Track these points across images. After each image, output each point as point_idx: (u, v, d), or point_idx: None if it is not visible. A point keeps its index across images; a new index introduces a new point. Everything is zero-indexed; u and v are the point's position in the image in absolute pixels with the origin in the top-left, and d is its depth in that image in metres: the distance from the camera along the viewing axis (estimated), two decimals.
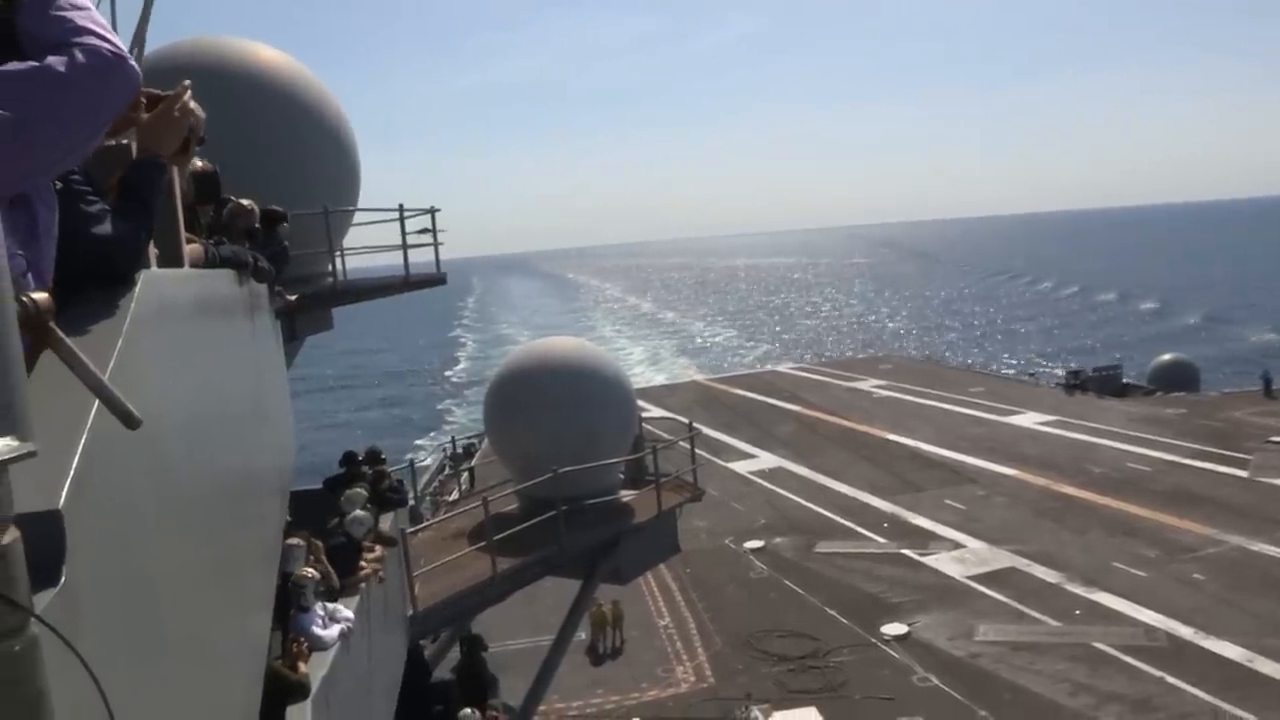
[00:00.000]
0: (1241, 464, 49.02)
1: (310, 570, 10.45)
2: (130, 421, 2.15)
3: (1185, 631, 30.82)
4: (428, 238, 17.07)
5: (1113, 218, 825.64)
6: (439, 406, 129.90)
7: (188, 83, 4.27)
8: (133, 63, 2.95)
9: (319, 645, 9.43)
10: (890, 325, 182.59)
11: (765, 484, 51.42)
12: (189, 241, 5.01)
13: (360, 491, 13.49)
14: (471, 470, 29.60)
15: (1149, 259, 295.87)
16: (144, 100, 4.17)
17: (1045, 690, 27.80)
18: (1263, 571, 35.35)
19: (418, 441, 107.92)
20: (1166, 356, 79.65)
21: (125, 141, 4.12)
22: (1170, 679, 27.90)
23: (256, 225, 7.58)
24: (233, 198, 7.38)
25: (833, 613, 33.94)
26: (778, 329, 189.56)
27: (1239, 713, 25.92)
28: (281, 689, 8.16)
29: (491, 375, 24.55)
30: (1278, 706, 26.09)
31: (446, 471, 44.15)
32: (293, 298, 7.74)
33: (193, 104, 4.30)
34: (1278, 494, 43.98)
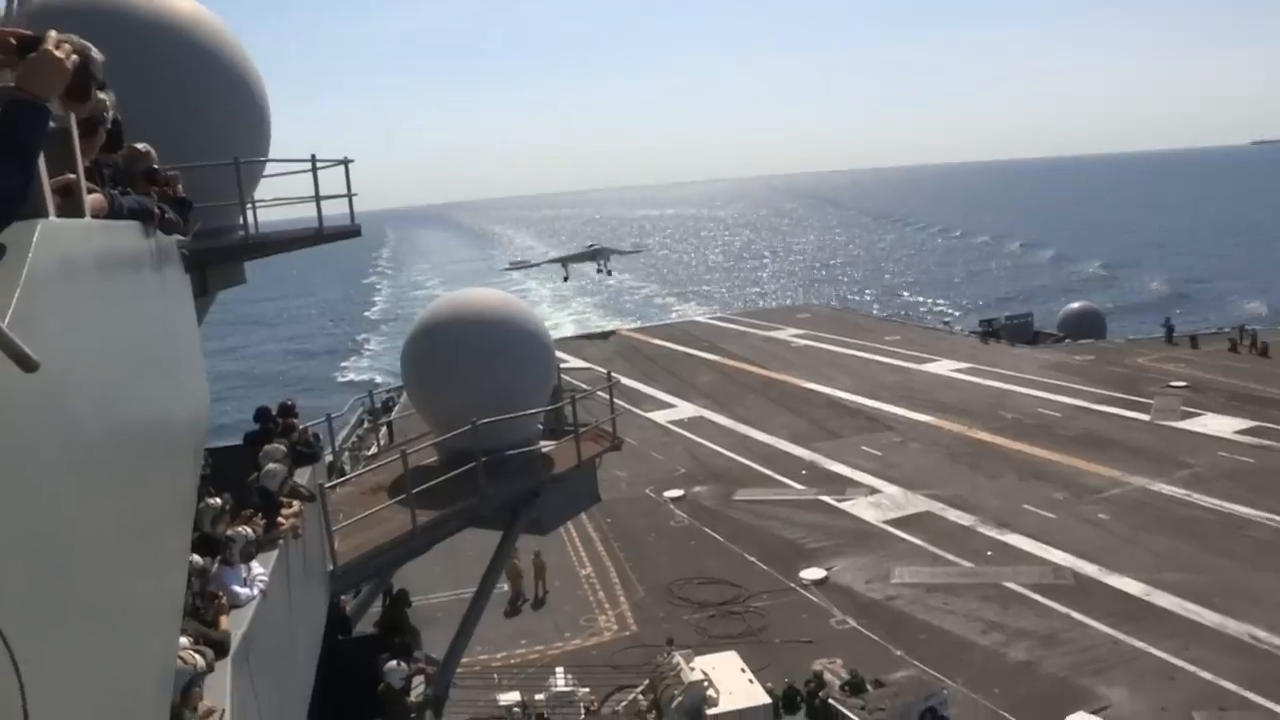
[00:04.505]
0: (1145, 408, 50.63)
1: (246, 528, 10.32)
2: (26, 364, 2.08)
3: (1090, 569, 31.87)
4: (341, 189, 16.76)
5: (1021, 169, 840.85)
6: (359, 337, 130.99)
7: (53, 32, 4.06)
8: None
9: (236, 602, 9.32)
10: (807, 274, 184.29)
11: (685, 433, 51.79)
12: (90, 191, 4.85)
13: (279, 446, 13.32)
14: (390, 424, 29.33)
15: (1056, 210, 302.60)
16: (14, 42, 3.97)
17: (959, 629, 28.59)
18: (1162, 510, 36.67)
19: (343, 368, 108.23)
20: (1075, 305, 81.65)
21: None
22: (1076, 615, 28.90)
23: (154, 167, 7.33)
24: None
25: (752, 559, 34.42)
26: (684, 277, 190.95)
27: (1136, 643, 26.97)
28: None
29: (406, 313, 24.22)
30: (1171, 635, 27.33)
31: (365, 425, 43.71)
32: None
33: (87, 46, 4.13)
34: (1176, 437, 45.57)
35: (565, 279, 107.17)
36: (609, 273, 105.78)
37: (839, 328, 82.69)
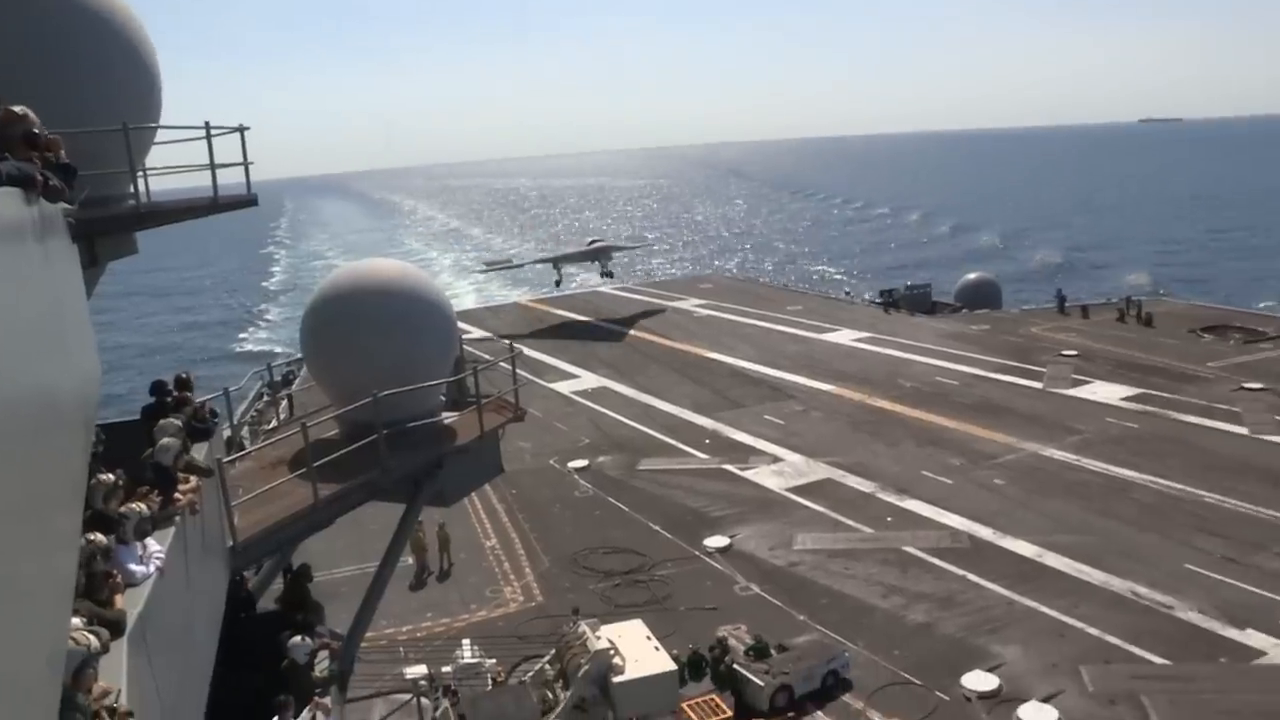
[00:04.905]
0: (1038, 376, 52.15)
1: (140, 505, 10.07)
2: None
3: (985, 533, 32.78)
4: (237, 157, 16.31)
5: (923, 143, 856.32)
6: (258, 307, 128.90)
7: None
8: None
9: (131, 580, 9.12)
10: (709, 243, 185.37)
11: (588, 404, 51.84)
12: None
13: (174, 421, 13.00)
14: (290, 397, 28.85)
15: (956, 182, 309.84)
16: None
17: (860, 593, 29.19)
18: (1053, 475, 37.86)
19: (242, 340, 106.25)
20: (972, 275, 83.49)
21: None
22: (972, 577, 29.72)
23: (35, 131, 7.06)
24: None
25: (657, 528, 34.67)
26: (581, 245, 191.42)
27: (1029, 603, 27.91)
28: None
29: (305, 284, 23.77)
30: (1061, 594, 28.37)
31: (265, 399, 42.92)
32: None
33: None
34: (1067, 403, 47.04)
35: (558, 283, 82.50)
36: (610, 274, 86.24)
37: (741, 298, 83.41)
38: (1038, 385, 50.67)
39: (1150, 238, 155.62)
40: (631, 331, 71.26)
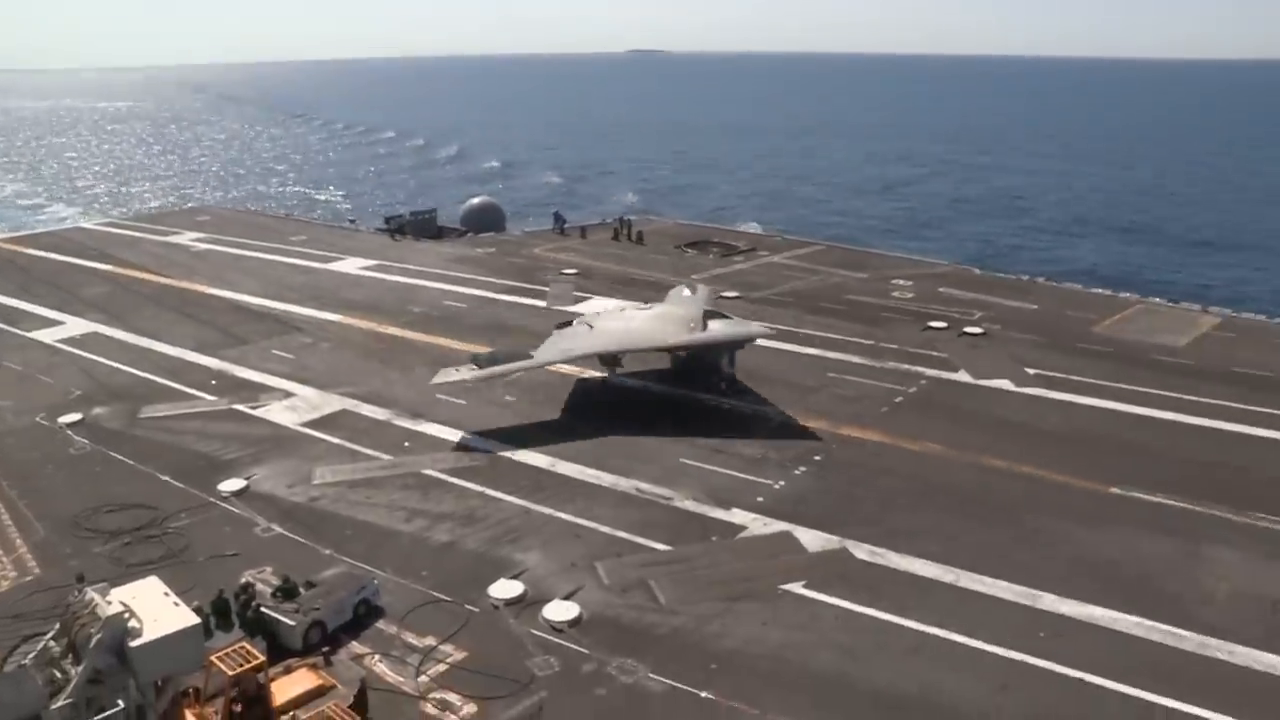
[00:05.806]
0: (542, 295, 54.83)
1: None
2: None
3: (500, 448, 34.26)
4: None
5: (426, 67, 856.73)
6: None
7: None
8: None
9: None
10: (206, 172, 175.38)
11: (77, 351, 47.64)
12: None
13: None
14: None
15: (456, 108, 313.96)
16: None
17: (383, 520, 29.57)
18: (560, 388, 40.25)
19: None
20: (476, 200, 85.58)
21: None
22: (490, 492, 31.10)
23: None
24: None
25: (166, 478, 32.87)
26: (59, 174, 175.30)
27: (545, 510, 29.83)
28: None
29: None
30: (574, 499, 30.58)
31: None
32: None
33: None
34: (562, 317, 49.90)
35: (605, 379, 41.20)
36: (729, 381, 39.86)
37: (242, 229, 79.95)
38: (542, 304, 53.25)
39: (637, 161, 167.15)
40: (121, 270, 65.98)
